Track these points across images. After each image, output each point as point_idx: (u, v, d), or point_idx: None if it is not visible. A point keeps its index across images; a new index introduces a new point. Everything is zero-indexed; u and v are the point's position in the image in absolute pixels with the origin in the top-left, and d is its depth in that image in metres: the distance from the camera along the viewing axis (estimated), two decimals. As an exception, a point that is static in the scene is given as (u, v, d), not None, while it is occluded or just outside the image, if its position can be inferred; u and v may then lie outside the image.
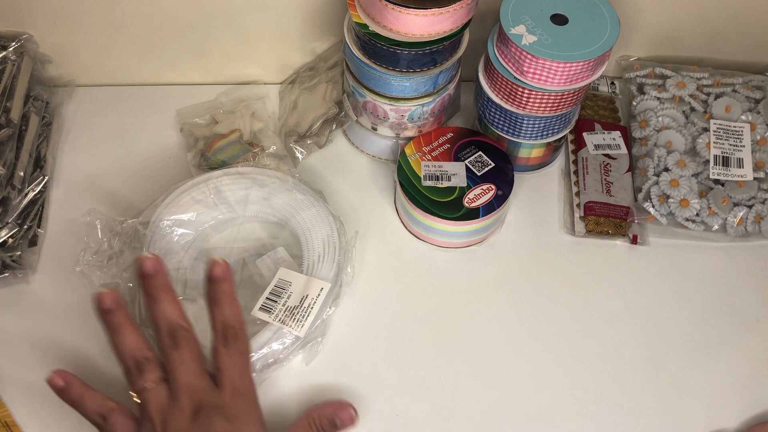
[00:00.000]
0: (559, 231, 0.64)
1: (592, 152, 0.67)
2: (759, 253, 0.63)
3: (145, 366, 0.44)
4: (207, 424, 0.42)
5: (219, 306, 0.46)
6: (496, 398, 0.55)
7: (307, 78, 0.70)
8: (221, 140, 0.65)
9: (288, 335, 0.53)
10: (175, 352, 0.44)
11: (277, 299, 0.54)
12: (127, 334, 0.45)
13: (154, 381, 0.44)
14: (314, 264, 0.56)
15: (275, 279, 0.55)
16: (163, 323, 0.45)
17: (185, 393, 0.43)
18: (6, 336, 0.57)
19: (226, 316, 0.46)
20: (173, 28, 0.67)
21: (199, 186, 0.59)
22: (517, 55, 0.55)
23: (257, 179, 0.60)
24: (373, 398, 0.54)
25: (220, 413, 0.43)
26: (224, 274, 0.47)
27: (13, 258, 0.58)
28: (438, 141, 0.63)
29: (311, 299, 0.53)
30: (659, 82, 0.69)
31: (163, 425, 0.43)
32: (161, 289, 0.46)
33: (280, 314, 0.53)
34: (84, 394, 0.46)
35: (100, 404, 0.45)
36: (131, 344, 0.45)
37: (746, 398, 0.55)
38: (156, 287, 0.46)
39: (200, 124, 0.68)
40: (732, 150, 0.64)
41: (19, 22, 0.66)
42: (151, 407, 0.43)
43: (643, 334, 0.58)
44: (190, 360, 0.44)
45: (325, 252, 0.57)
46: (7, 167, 0.59)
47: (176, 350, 0.44)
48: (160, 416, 0.43)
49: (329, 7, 0.66)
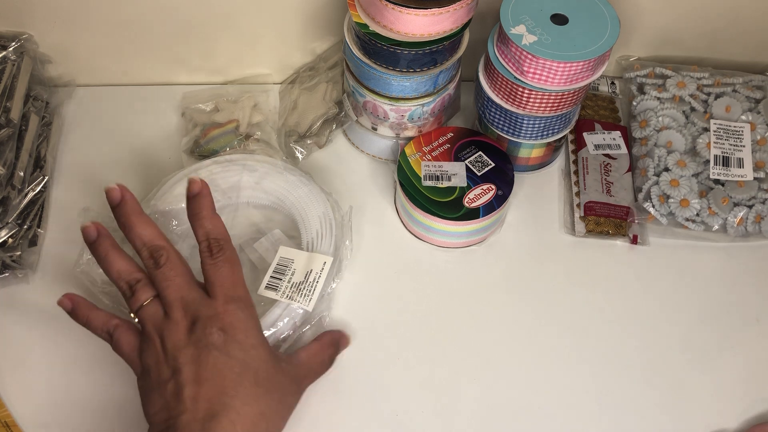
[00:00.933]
0: (559, 231, 0.64)
1: (593, 152, 0.67)
2: (759, 253, 0.63)
3: (137, 286, 0.46)
4: (204, 335, 0.44)
5: (200, 221, 0.47)
6: (497, 398, 0.55)
7: (307, 78, 0.70)
8: (217, 129, 0.65)
9: (296, 311, 0.54)
10: (159, 271, 0.46)
11: (282, 277, 0.54)
12: (115, 260, 0.47)
13: (146, 299, 0.46)
14: (313, 241, 0.57)
15: (277, 258, 0.56)
16: (142, 246, 0.46)
17: (177, 307, 0.45)
18: (6, 336, 0.57)
19: (208, 229, 0.47)
20: (173, 28, 0.67)
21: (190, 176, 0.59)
22: (517, 55, 0.55)
23: (247, 165, 0.60)
24: (373, 398, 0.54)
25: (216, 323, 0.44)
26: (202, 189, 0.48)
27: (13, 258, 0.58)
28: (438, 141, 0.63)
29: (316, 273, 0.54)
30: (659, 82, 0.69)
31: (162, 340, 0.44)
32: (132, 215, 0.47)
33: (287, 291, 0.53)
34: (90, 314, 0.48)
35: (106, 321, 0.47)
36: (120, 268, 0.47)
37: (746, 398, 0.55)
38: (126, 214, 0.47)
39: (202, 110, 0.68)
40: (732, 150, 0.64)
41: (19, 22, 0.66)
42: (148, 324, 0.45)
43: (644, 334, 0.58)
44: (175, 275, 0.46)
45: (323, 229, 0.58)
46: (7, 167, 0.59)
47: (159, 269, 0.46)
48: (158, 332, 0.45)
49: (329, 7, 0.66)
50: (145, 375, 0.45)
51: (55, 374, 0.55)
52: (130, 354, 0.47)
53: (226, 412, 0.42)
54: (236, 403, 0.43)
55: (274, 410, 0.45)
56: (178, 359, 0.44)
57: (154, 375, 0.44)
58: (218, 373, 0.43)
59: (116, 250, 0.48)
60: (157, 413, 0.43)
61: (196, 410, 0.42)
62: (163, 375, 0.44)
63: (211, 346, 0.44)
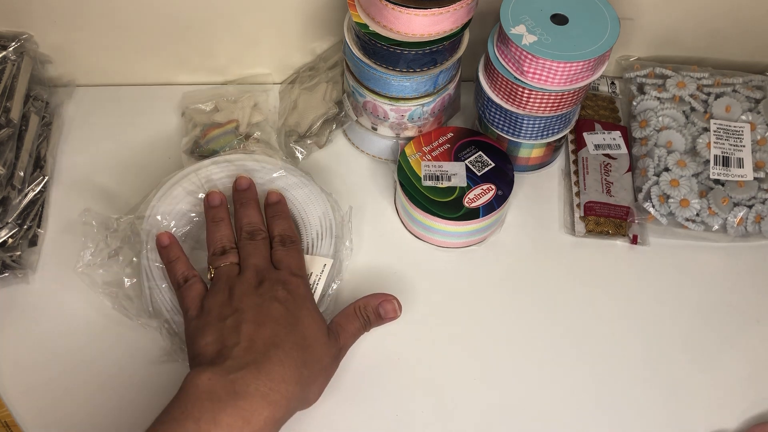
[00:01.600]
0: (559, 231, 0.64)
1: (593, 152, 0.67)
2: (759, 253, 0.63)
3: (229, 251, 0.53)
4: (269, 289, 0.50)
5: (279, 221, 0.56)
6: (497, 398, 0.55)
7: (307, 78, 0.70)
8: (217, 129, 0.65)
9: None
10: (251, 243, 0.53)
11: None
12: (223, 227, 0.55)
13: (230, 261, 0.52)
14: (314, 242, 0.57)
15: None
16: (247, 224, 0.54)
17: (252, 269, 0.51)
18: (6, 336, 0.57)
19: (284, 227, 0.55)
20: (173, 28, 0.67)
21: (189, 177, 0.60)
22: (517, 55, 0.55)
23: (246, 165, 0.60)
24: (373, 398, 0.54)
25: (282, 284, 0.50)
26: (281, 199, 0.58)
27: (13, 258, 0.58)
28: (438, 141, 0.63)
29: (316, 276, 0.55)
30: (659, 82, 0.69)
31: (231, 288, 0.50)
32: (251, 200, 0.56)
33: None
34: (180, 256, 0.54)
35: (187, 269, 0.53)
36: (224, 235, 0.54)
37: (746, 398, 0.55)
38: (248, 198, 0.56)
39: (202, 110, 0.68)
40: (732, 150, 0.64)
41: (19, 22, 0.66)
42: (222, 276, 0.51)
43: (644, 334, 0.58)
44: (260, 252, 0.53)
45: (323, 229, 0.58)
46: (7, 167, 0.59)
47: (252, 242, 0.53)
48: (228, 283, 0.51)
49: (329, 7, 0.66)
50: (203, 314, 0.49)
51: (55, 374, 0.55)
52: (195, 299, 0.51)
53: (276, 352, 0.46)
54: (286, 346, 0.47)
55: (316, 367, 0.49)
56: (242, 302, 0.49)
57: (214, 313, 0.49)
58: (275, 320, 0.48)
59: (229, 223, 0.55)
60: (210, 344, 0.47)
61: (250, 344, 0.46)
62: (225, 312, 0.48)
63: (273, 298, 0.49)
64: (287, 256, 0.53)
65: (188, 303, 0.51)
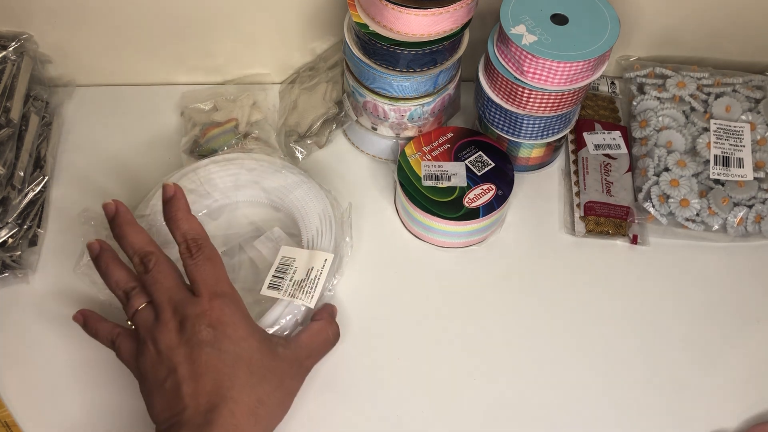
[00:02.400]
0: (559, 231, 0.64)
1: (593, 152, 0.67)
2: (759, 253, 0.63)
3: (131, 293, 0.49)
4: (194, 334, 0.45)
5: (176, 222, 0.49)
6: (497, 398, 0.55)
7: (307, 78, 0.70)
8: (216, 128, 0.65)
9: (298, 308, 0.54)
10: (149, 276, 0.48)
11: (284, 275, 0.55)
12: (114, 270, 0.50)
13: (139, 305, 0.48)
14: (314, 239, 0.57)
15: (279, 257, 0.56)
16: (133, 254, 0.49)
17: (166, 308, 0.47)
18: (6, 336, 0.57)
19: (185, 229, 0.49)
20: (173, 28, 0.67)
21: (188, 175, 0.60)
22: (517, 55, 0.55)
23: (245, 164, 0.61)
24: (373, 399, 0.54)
25: (204, 320, 0.46)
26: (176, 192, 0.50)
27: (13, 258, 0.58)
28: (438, 141, 0.63)
29: (317, 271, 0.55)
30: (659, 82, 0.69)
31: (154, 342, 0.46)
32: (125, 225, 0.50)
33: (289, 289, 0.54)
34: (98, 325, 0.51)
35: (110, 331, 0.50)
36: (118, 278, 0.49)
37: (746, 398, 0.55)
38: (120, 224, 0.50)
39: (201, 110, 0.68)
40: (732, 150, 0.64)
41: (19, 22, 0.66)
42: (142, 328, 0.47)
43: (644, 334, 0.58)
44: (163, 278, 0.48)
45: (323, 226, 0.58)
46: (7, 167, 0.59)
47: (149, 273, 0.48)
48: (150, 334, 0.47)
49: (329, 7, 0.66)
50: (143, 379, 0.47)
51: (55, 374, 0.55)
52: (129, 359, 0.48)
53: (225, 403, 0.44)
54: (233, 394, 0.45)
55: (272, 396, 0.47)
56: (172, 359, 0.45)
57: (151, 377, 0.46)
58: (212, 367, 0.45)
59: (116, 261, 0.50)
60: (161, 413, 0.45)
61: (196, 404, 0.44)
62: (160, 375, 0.45)
63: (202, 343, 0.45)
64: (198, 270, 0.48)
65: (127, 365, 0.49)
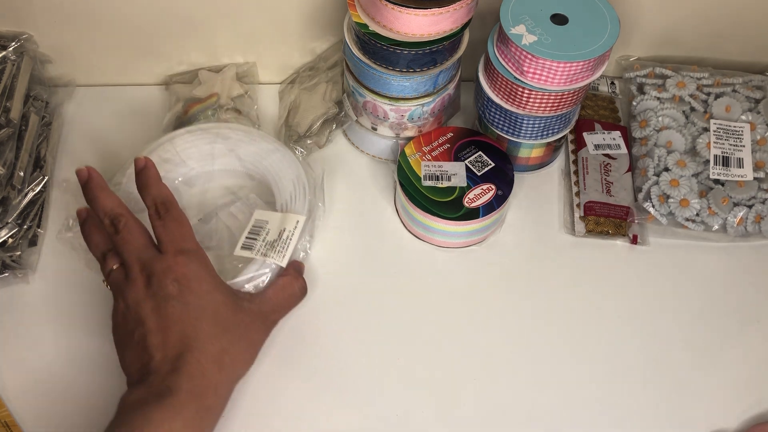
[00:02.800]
0: (559, 231, 0.64)
1: (592, 152, 0.67)
2: (759, 253, 0.63)
3: (107, 255, 0.51)
4: (160, 288, 0.48)
5: (147, 189, 0.52)
6: (497, 398, 0.55)
7: (307, 78, 0.70)
8: (198, 105, 0.65)
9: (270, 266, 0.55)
10: (118, 236, 0.50)
11: (257, 237, 0.56)
12: (94, 235, 0.52)
13: (113, 265, 0.50)
14: (287, 203, 0.59)
15: (252, 220, 0.58)
16: (104, 216, 0.51)
17: (134, 266, 0.49)
18: (6, 336, 0.57)
19: (154, 194, 0.51)
20: (173, 28, 0.67)
21: (164, 145, 0.61)
22: (517, 55, 0.55)
23: (220, 133, 0.62)
24: (373, 399, 0.54)
25: (169, 275, 0.48)
26: (146, 163, 0.53)
27: (13, 258, 0.58)
28: (438, 141, 0.63)
29: (289, 232, 0.57)
30: (659, 82, 0.69)
31: (124, 298, 0.49)
32: (97, 189, 0.52)
33: (262, 248, 0.55)
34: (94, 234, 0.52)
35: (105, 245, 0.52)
36: (97, 241, 0.52)
37: (746, 398, 0.55)
38: (92, 189, 0.52)
39: (185, 83, 0.68)
40: (732, 150, 0.64)
41: (19, 22, 0.66)
42: (114, 287, 0.50)
43: (644, 334, 0.58)
44: (132, 238, 0.50)
45: (297, 191, 0.59)
46: (7, 167, 0.59)
47: (118, 234, 0.50)
48: (121, 291, 0.49)
49: (329, 7, 0.66)
50: (115, 332, 0.50)
51: (55, 374, 0.55)
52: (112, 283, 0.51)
53: (191, 352, 0.46)
54: (198, 344, 0.47)
55: (236, 346, 0.49)
56: (140, 312, 0.48)
57: (121, 331, 0.49)
58: (178, 320, 0.47)
59: (97, 227, 0.52)
60: (131, 365, 0.48)
61: (164, 354, 0.46)
62: (129, 328, 0.48)
63: (168, 296, 0.48)
64: (165, 230, 0.50)
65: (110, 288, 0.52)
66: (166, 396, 0.44)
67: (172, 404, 0.44)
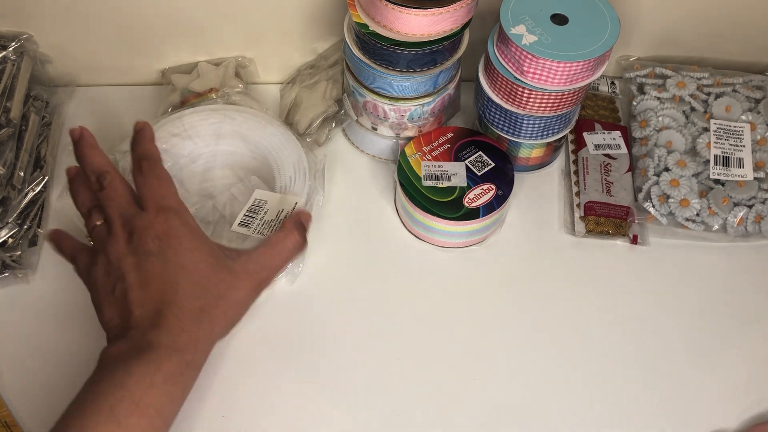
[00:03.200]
0: (559, 231, 0.64)
1: (593, 152, 0.67)
2: (759, 253, 0.63)
3: (91, 212, 0.51)
4: (140, 244, 0.48)
5: (138, 145, 0.52)
6: (497, 398, 0.55)
7: (308, 76, 0.70)
8: (195, 98, 0.65)
9: None
10: (103, 193, 0.50)
11: (255, 215, 0.58)
12: (81, 192, 0.52)
13: (96, 220, 0.50)
14: (287, 185, 0.60)
15: (252, 199, 0.59)
16: (91, 172, 0.51)
17: (116, 222, 0.49)
18: (6, 336, 0.57)
19: (140, 151, 0.52)
20: (173, 28, 0.67)
21: (173, 122, 0.62)
22: (517, 55, 0.55)
23: (227, 114, 0.63)
24: (373, 399, 0.54)
25: (150, 232, 0.48)
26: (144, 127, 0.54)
27: (13, 258, 0.58)
28: (438, 141, 0.63)
29: (286, 213, 0.58)
30: (659, 82, 0.69)
31: (106, 253, 0.49)
32: (87, 147, 0.52)
33: (258, 227, 0.57)
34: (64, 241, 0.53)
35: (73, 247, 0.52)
36: (84, 199, 0.52)
37: (746, 398, 0.55)
38: (82, 147, 0.52)
39: (183, 73, 0.69)
40: (732, 150, 0.64)
41: (19, 22, 0.66)
42: (96, 242, 0.50)
43: (644, 334, 0.58)
44: (116, 195, 0.50)
45: (297, 174, 0.60)
46: (7, 167, 0.59)
47: (103, 190, 0.50)
48: (103, 246, 0.49)
49: (329, 7, 0.66)
50: (95, 288, 0.49)
51: (55, 374, 0.55)
52: (84, 272, 0.50)
53: (170, 308, 0.47)
54: (177, 300, 0.47)
55: (215, 305, 0.49)
56: (121, 268, 0.48)
57: (101, 285, 0.48)
58: (158, 276, 0.47)
59: (84, 185, 0.53)
60: (110, 320, 0.48)
61: (143, 310, 0.46)
62: (110, 283, 0.48)
63: (148, 253, 0.48)
64: (146, 187, 0.50)
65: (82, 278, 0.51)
66: (146, 350, 0.45)
67: (153, 359, 0.45)
